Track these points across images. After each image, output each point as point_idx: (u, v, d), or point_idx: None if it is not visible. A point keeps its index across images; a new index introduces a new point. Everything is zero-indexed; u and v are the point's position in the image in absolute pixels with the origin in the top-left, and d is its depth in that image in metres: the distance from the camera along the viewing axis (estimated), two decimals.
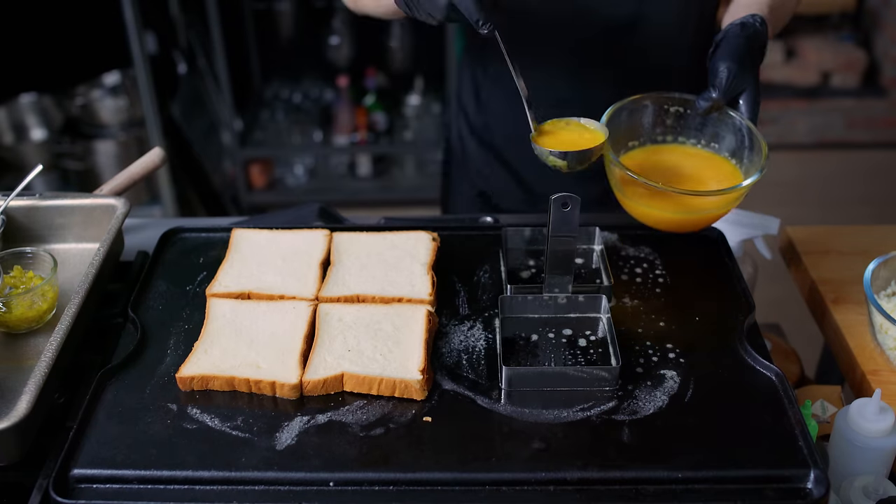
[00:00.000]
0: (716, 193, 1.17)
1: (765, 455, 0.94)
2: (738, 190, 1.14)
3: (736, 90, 1.20)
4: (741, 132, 1.22)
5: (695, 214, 1.17)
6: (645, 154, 1.27)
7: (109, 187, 1.37)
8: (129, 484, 0.93)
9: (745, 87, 1.20)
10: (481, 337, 1.11)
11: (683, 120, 1.27)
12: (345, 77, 3.77)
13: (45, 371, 0.99)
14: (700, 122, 1.26)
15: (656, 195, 1.16)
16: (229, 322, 1.11)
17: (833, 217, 3.53)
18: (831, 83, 4.09)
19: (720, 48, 1.21)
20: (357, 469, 0.93)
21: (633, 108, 1.26)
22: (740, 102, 1.21)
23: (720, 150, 1.26)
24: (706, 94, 1.20)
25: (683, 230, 1.22)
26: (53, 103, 3.39)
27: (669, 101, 1.27)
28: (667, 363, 1.06)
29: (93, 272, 1.14)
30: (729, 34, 1.22)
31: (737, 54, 1.19)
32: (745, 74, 1.19)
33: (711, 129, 1.26)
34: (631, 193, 1.18)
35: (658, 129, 1.28)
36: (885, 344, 1.20)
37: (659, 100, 1.27)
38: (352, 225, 1.38)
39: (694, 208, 1.17)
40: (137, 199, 3.32)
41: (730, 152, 1.24)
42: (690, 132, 1.28)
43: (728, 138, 1.24)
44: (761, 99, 1.22)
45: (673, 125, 1.28)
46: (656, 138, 1.29)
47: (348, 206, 3.68)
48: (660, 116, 1.28)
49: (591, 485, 0.92)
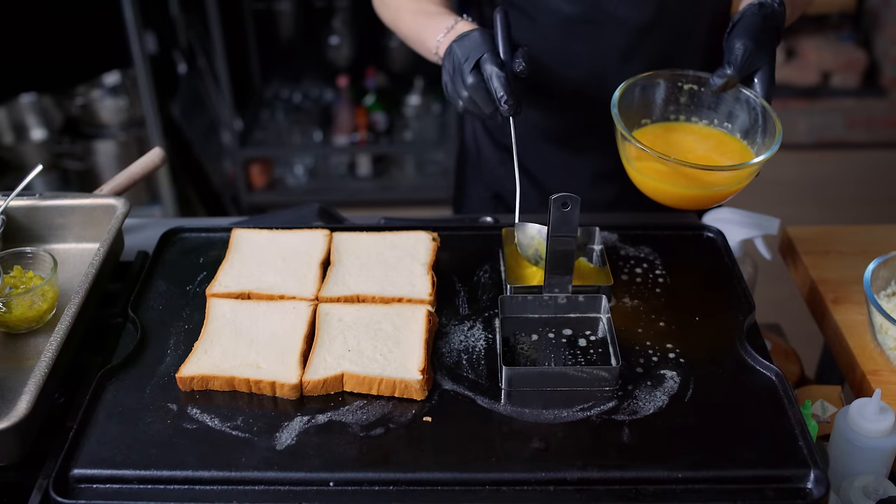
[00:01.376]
0: (728, 169, 1.17)
1: (765, 455, 0.94)
2: (751, 166, 1.14)
3: (751, 68, 1.19)
4: (755, 111, 1.21)
5: (707, 190, 1.17)
6: (657, 131, 1.28)
7: (109, 187, 1.37)
8: (129, 484, 0.93)
9: (760, 65, 1.20)
10: (481, 337, 1.11)
11: (697, 98, 1.27)
12: (345, 77, 3.77)
13: (45, 371, 0.99)
14: (714, 100, 1.26)
15: (668, 170, 1.15)
16: (229, 322, 1.11)
17: (833, 217, 3.53)
18: (831, 83, 4.09)
19: (737, 26, 1.20)
20: (357, 469, 0.93)
21: (646, 85, 1.26)
22: (755, 80, 1.20)
23: (733, 130, 1.25)
24: (721, 71, 1.19)
25: (695, 207, 1.22)
26: (53, 103, 3.39)
27: (683, 79, 1.26)
28: (667, 363, 1.06)
29: (93, 272, 1.14)
30: (746, 13, 1.22)
31: (753, 32, 1.18)
32: (760, 52, 1.18)
33: (725, 108, 1.25)
34: (643, 168, 1.18)
35: (671, 107, 1.28)
36: (885, 344, 1.20)
37: (673, 77, 1.27)
38: (352, 225, 1.38)
39: (706, 184, 1.16)
40: (137, 199, 3.32)
41: (742, 131, 1.24)
42: (703, 111, 1.27)
43: (741, 117, 1.23)
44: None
45: (686, 103, 1.28)
46: (669, 116, 1.28)
47: (348, 206, 3.67)
48: (673, 94, 1.27)
49: (591, 485, 0.92)
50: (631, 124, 1.24)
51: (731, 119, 1.25)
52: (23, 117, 3.39)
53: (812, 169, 3.98)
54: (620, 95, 1.21)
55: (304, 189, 3.90)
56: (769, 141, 1.18)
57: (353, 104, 3.81)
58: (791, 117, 4.07)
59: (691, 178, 1.16)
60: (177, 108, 3.42)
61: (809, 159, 4.05)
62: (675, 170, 1.15)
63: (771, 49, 1.21)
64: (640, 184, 1.21)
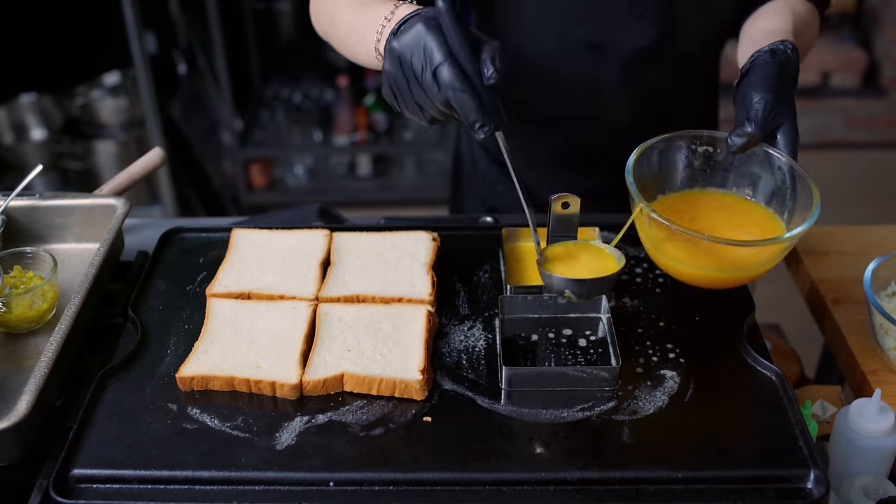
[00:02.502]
0: (766, 243, 1.02)
1: (765, 455, 0.94)
2: (792, 238, 0.99)
3: (774, 124, 1.05)
4: (781, 171, 1.07)
5: (737, 273, 1.03)
6: (668, 204, 1.12)
7: (109, 187, 1.37)
8: (129, 484, 0.93)
9: (782, 121, 1.06)
10: (481, 337, 1.11)
11: (713, 161, 1.12)
12: (345, 77, 3.77)
13: (45, 371, 0.99)
14: (732, 162, 1.11)
15: (704, 251, 1.01)
16: (229, 322, 1.11)
17: (833, 217, 3.52)
18: (831, 83, 4.09)
19: (749, 77, 1.07)
20: (357, 469, 0.93)
21: (661, 150, 1.11)
22: (777, 137, 1.06)
23: (756, 195, 1.11)
24: (740, 130, 1.05)
25: (723, 286, 1.09)
26: (53, 103, 3.39)
27: (698, 140, 1.11)
28: (667, 363, 1.06)
29: (93, 272, 1.14)
30: (758, 61, 1.09)
31: (771, 83, 1.05)
32: (782, 105, 1.05)
33: (745, 170, 1.10)
34: (667, 250, 1.04)
35: (685, 174, 1.12)
36: (885, 344, 1.20)
37: (688, 139, 1.12)
38: (352, 225, 1.38)
39: (733, 264, 1.02)
40: (137, 199, 3.32)
41: (767, 196, 1.10)
42: (720, 175, 1.12)
43: (765, 179, 1.09)
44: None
45: (702, 167, 1.12)
46: (682, 185, 1.13)
47: (348, 206, 3.68)
48: (688, 159, 1.12)
49: (591, 485, 0.91)
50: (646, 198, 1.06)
51: (752, 182, 1.10)
52: (23, 117, 3.39)
53: (812, 169, 3.96)
54: (636, 160, 1.06)
55: (304, 189, 3.90)
56: (803, 202, 1.04)
57: (353, 104, 3.81)
58: None
59: (716, 257, 1.02)
60: (177, 108, 3.42)
61: (809, 159, 4.03)
62: (711, 249, 1.00)
63: (791, 101, 1.07)
64: (669, 269, 1.06)
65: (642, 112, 1.43)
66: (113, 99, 3.39)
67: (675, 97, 1.46)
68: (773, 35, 1.15)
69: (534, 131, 1.49)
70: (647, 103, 1.43)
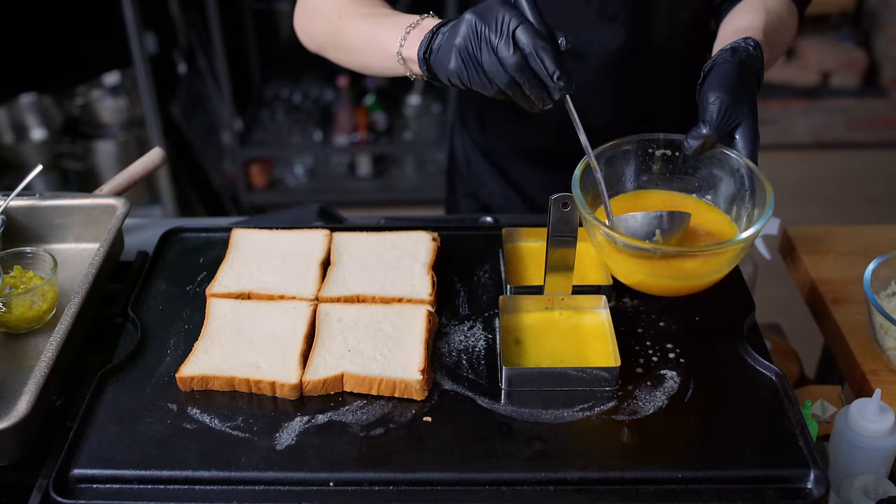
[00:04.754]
0: (708, 250, 1.02)
1: (765, 455, 0.94)
2: (736, 244, 0.99)
3: (730, 124, 1.05)
4: (739, 173, 1.07)
5: (686, 281, 1.02)
6: (624, 203, 1.11)
7: (109, 187, 1.37)
8: (129, 484, 0.93)
9: (740, 121, 1.05)
10: (481, 337, 1.11)
11: (672, 165, 1.11)
12: (345, 77, 3.76)
13: (45, 371, 0.99)
14: (691, 166, 1.10)
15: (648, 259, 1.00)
16: (229, 322, 1.11)
17: (833, 217, 3.53)
18: (831, 83, 4.09)
19: (709, 77, 1.07)
20: (357, 469, 0.93)
21: (612, 156, 1.11)
22: (736, 138, 1.06)
23: (717, 198, 1.10)
24: (695, 131, 1.05)
25: (679, 294, 1.09)
26: (53, 103, 3.39)
27: (654, 144, 1.10)
28: (667, 363, 1.06)
29: (93, 272, 1.14)
30: (718, 61, 1.09)
31: (727, 83, 1.05)
32: (738, 105, 1.04)
33: (704, 172, 1.10)
34: (616, 257, 1.03)
35: (643, 178, 1.12)
36: (885, 344, 1.20)
37: (641, 143, 1.11)
38: (352, 225, 1.38)
39: (683, 273, 1.01)
40: (137, 199, 3.32)
41: (727, 198, 1.09)
42: (680, 179, 1.12)
43: (725, 181, 1.09)
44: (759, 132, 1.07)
45: (661, 171, 1.11)
46: (641, 188, 1.13)
47: (348, 206, 3.67)
48: (644, 163, 1.12)
49: (591, 485, 0.92)
50: (595, 206, 1.07)
51: (712, 185, 1.10)
52: (23, 117, 3.39)
53: (812, 169, 3.98)
54: (580, 175, 1.05)
55: (304, 189, 3.90)
56: (759, 207, 1.03)
57: (353, 104, 3.81)
58: (791, 117, 4.07)
59: (670, 268, 1.02)
60: (177, 108, 3.42)
61: (809, 159, 4.05)
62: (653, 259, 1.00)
63: (751, 100, 1.06)
64: (620, 275, 1.05)
65: (625, 110, 1.44)
66: (113, 99, 3.39)
67: (655, 94, 1.47)
68: (744, 32, 1.15)
69: (523, 133, 1.51)
70: (629, 102, 1.44)
